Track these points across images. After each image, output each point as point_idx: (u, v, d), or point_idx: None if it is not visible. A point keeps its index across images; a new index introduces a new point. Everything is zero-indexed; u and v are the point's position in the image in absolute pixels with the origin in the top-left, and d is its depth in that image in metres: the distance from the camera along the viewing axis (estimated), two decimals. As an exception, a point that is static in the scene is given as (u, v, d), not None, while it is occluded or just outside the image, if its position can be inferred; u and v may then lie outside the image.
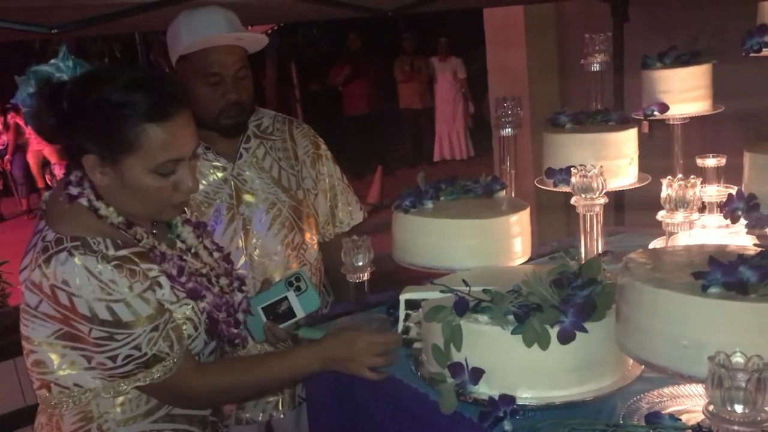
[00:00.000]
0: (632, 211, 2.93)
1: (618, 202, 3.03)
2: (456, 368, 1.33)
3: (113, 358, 1.35)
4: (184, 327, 1.44)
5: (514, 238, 1.79)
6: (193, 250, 1.56)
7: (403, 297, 1.55)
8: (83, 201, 1.39)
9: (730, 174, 1.96)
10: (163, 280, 1.40)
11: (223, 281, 1.57)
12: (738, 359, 0.97)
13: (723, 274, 1.10)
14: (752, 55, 1.83)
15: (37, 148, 8.91)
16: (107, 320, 1.32)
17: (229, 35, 1.97)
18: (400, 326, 1.56)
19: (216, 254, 1.61)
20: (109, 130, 1.31)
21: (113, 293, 1.32)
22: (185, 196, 1.42)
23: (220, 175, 2.04)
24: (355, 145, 8.83)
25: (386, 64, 9.74)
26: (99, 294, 1.31)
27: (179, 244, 1.55)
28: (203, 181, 2.02)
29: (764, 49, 1.83)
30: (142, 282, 1.35)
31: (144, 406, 1.46)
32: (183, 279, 1.44)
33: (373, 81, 9.10)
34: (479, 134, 9.19)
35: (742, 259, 1.13)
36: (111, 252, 1.33)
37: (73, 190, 1.40)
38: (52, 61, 1.38)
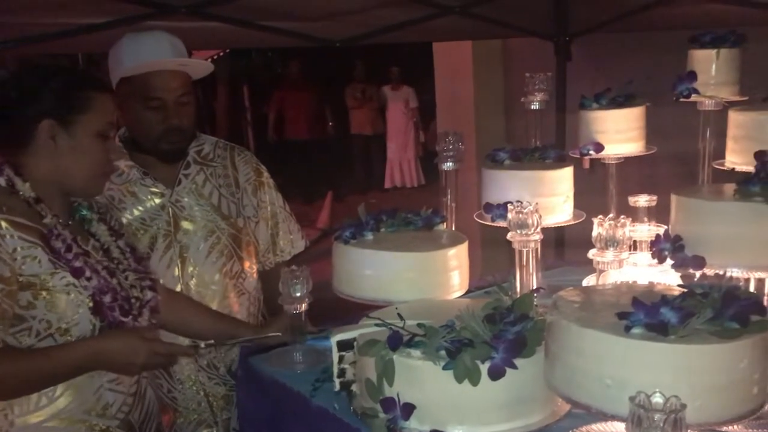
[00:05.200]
0: (572, 246, 3.00)
1: (558, 238, 3.10)
2: (388, 403, 1.33)
3: None
4: (62, 305, 1.48)
5: (451, 272, 1.80)
6: (105, 246, 1.62)
7: (334, 339, 1.52)
8: (1, 180, 1.52)
9: (666, 213, 2.02)
10: (38, 252, 1.48)
11: (132, 276, 1.62)
12: (657, 399, 0.99)
13: (645, 315, 1.12)
14: (682, 100, 1.90)
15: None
16: None
17: (173, 60, 1.95)
18: (335, 370, 1.53)
19: (128, 254, 1.66)
20: (66, 93, 1.54)
21: None
22: (112, 166, 1.65)
23: (157, 201, 2.01)
24: (305, 170, 8.82)
25: (339, 90, 9.81)
26: None
27: (92, 241, 1.61)
28: (140, 207, 1.99)
29: (693, 95, 1.91)
30: None
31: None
32: (69, 256, 1.51)
33: (326, 106, 9.15)
34: (431, 162, 9.26)
35: (664, 300, 1.16)
36: None
37: None
38: None
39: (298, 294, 1.74)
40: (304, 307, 1.76)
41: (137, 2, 2.24)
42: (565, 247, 3.15)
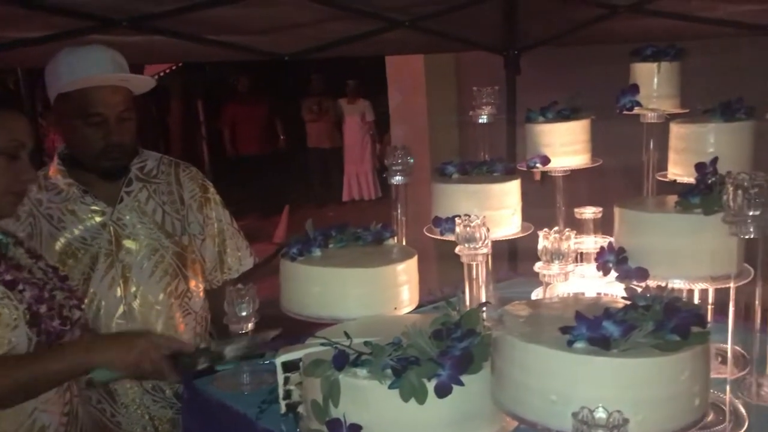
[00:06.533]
0: (526, 258, 3.01)
1: (512, 250, 3.11)
2: (334, 425, 1.29)
3: None
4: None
5: (401, 287, 1.78)
6: (27, 268, 1.57)
7: (279, 360, 1.49)
8: None
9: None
10: None
11: (59, 295, 1.57)
12: (601, 414, 0.99)
13: (588, 329, 1.12)
14: (625, 112, 1.93)
15: None
16: None
17: (113, 76, 1.91)
18: (281, 391, 1.50)
19: (51, 274, 1.61)
20: None
21: None
22: (24, 185, 1.56)
23: (98, 219, 1.95)
24: (263, 184, 8.75)
25: (296, 103, 9.78)
26: None
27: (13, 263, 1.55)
28: (80, 226, 1.93)
29: (636, 108, 1.94)
30: None
31: None
32: (0, 269, 1.47)
33: (281, 120, 9.10)
34: (388, 175, 9.26)
35: (607, 313, 1.16)
36: None
37: None
38: None
39: (244, 313, 1.71)
40: (250, 326, 1.72)
41: (77, 16, 2.18)
42: (519, 259, 3.16)
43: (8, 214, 1.59)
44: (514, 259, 3.14)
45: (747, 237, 1.28)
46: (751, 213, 1.24)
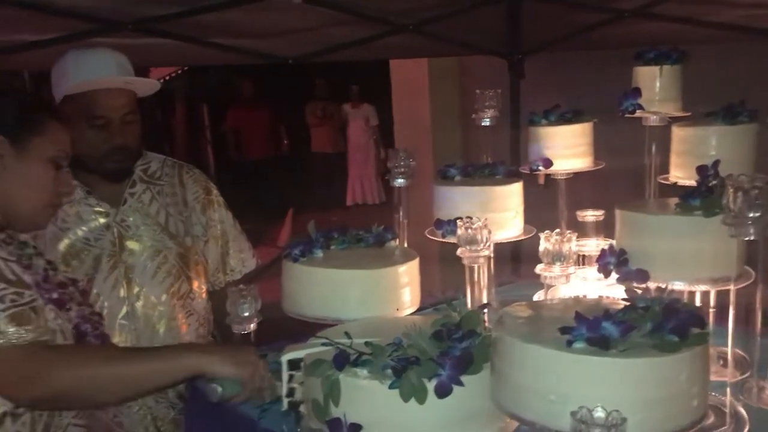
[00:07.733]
0: (529, 262, 3.01)
1: (515, 253, 3.11)
2: (334, 424, 1.30)
3: None
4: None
5: (402, 288, 1.79)
6: (56, 280, 1.53)
7: (285, 358, 1.50)
8: None
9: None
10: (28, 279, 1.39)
11: (87, 311, 1.55)
12: (599, 414, 0.99)
13: (587, 330, 1.12)
14: (627, 116, 1.93)
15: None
16: None
17: (118, 78, 1.92)
18: (284, 389, 1.50)
19: (71, 288, 1.58)
20: (22, 113, 1.49)
21: None
22: (61, 197, 1.55)
23: (102, 220, 1.96)
24: (267, 188, 8.77)
25: (301, 108, 9.81)
26: None
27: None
28: (83, 227, 1.94)
29: (638, 111, 1.94)
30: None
31: None
32: (48, 286, 1.44)
33: (284, 124, 9.13)
34: (392, 179, 9.28)
35: (606, 314, 1.17)
36: None
37: None
38: None
39: (246, 314, 1.71)
40: (252, 326, 1.73)
41: (82, 19, 2.20)
42: (522, 262, 3.16)
43: (43, 226, 1.57)
44: (517, 262, 3.14)
45: (747, 239, 1.28)
46: (750, 215, 1.24)
